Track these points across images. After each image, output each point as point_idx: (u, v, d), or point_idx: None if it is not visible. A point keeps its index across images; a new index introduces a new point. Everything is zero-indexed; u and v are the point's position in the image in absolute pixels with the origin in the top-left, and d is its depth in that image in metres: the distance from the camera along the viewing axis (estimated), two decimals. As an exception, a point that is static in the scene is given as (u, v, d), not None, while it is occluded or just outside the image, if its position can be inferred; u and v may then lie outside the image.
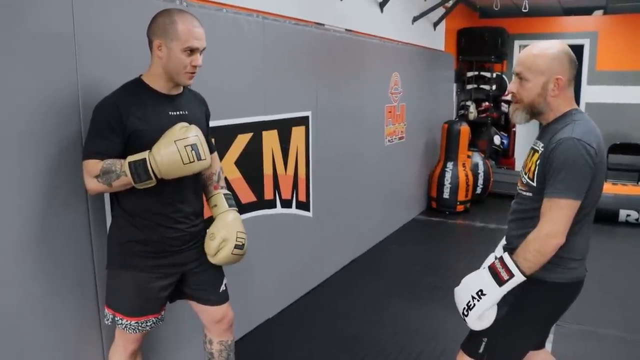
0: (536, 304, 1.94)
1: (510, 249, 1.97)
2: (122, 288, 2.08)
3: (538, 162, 1.87)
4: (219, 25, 2.90)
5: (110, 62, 2.26)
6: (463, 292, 1.97)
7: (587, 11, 8.23)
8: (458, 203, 6.46)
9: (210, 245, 2.15)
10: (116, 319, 2.09)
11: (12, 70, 1.91)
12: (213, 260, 2.17)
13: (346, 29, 4.58)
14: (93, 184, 1.92)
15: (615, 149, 7.88)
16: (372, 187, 5.07)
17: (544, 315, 1.99)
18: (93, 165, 1.91)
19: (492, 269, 1.89)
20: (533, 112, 1.93)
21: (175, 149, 1.86)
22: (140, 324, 2.09)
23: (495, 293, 1.87)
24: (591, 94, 8.25)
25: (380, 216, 5.35)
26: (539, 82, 1.87)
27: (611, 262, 4.84)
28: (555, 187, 1.78)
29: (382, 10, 5.33)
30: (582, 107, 8.25)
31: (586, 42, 8.19)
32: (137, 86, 2.02)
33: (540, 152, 1.88)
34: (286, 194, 3.67)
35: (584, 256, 1.94)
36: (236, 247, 2.16)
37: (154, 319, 2.13)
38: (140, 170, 1.87)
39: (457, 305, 2.00)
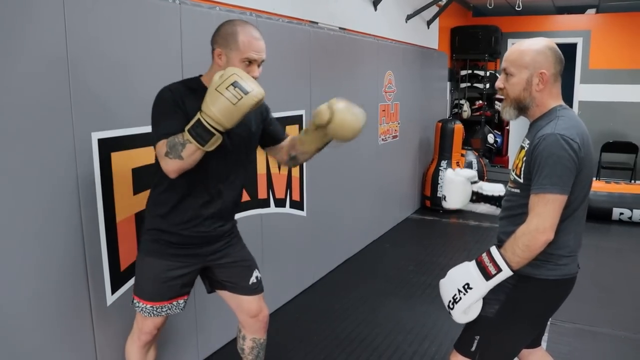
0: (527, 301, 1.93)
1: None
2: (143, 272, 2.15)
3: (524, 159, 1.88)
4: (212, 23, 2.86)
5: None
6: (449, 285, 1.96)
7: (580, 10, 8.26)
8: (452, 202, 6.46)
9: (321, 113, 2.03)
10: (135, 302, 2.16)
11: (9, 75, 1.90)
12: (331, 116, 2.01)
13: (340, 27, 4.57)
14: (167, 164, 1.92)
15: (608, 147, 7.92)
16: (366, 186, 5.06)
17: (535, 313, 1.98)
18: (161, 146, 1.92)
19: (480, 263, 1.89)
20: (520, 108, 1.94)
21: (220, 95, 1.84)
22: (155, 309, 2.15)
23: (482, 287, 1.87)
24: (584, 92, 8.28)
25: (374, 215, 5.34)
26: (524, 77, 1.88)
27: (605, 261, 4.86)
28: (541, 183, 1.78)
29: (375, 9, 5.32)
30: (575, 105, 8.28)
31: (579, 41, 8.21)
32: (194, 83, 2.07)
33: (526, 148, 1.89)
34: (280, 193, 3.66)
35: (574, 252, 1.93)
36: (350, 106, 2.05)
37: (168, 305, 2.17)
38: (199, 130, 1.86)
39: (442, 297, 2.00)
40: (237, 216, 3.18)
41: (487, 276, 1.85)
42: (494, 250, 1.87)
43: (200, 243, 2.16)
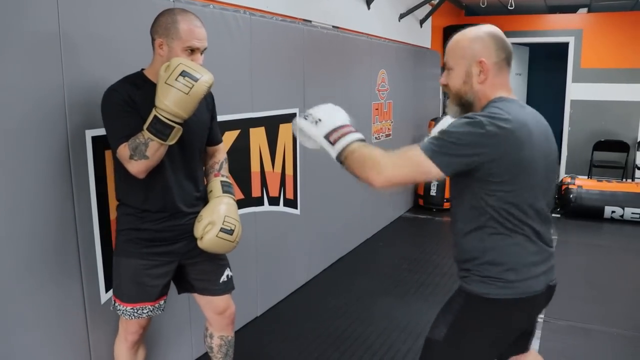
0: (477, 323, 1.72)
1: (458, 268, 1.81)
2: (120, 274, 2.14)
3: None
4: (206, 21, 2.83)
5: (96, 59, 2.24)
6: (322, 108, 1.78)
7: (572, 9, 8.30)
8: (445, 200, 6.48)
9: (197, 228, 2.12)
10: (116, 304, 2.14)
11: (3, 76, 1.90)
12: (200, 244, 2.12)
13: (333, 26, 4.58)
14: (133, 166, 1.93)
15: (600, 146, 7.97)
16: (359, 184, 5.05)
17: (488, 336, 1.74)
18: (123, 150, 1.93)
19: (338, 127, 1.71)
20: (462, 104, 1.73)
21: (171, 87, 1.83)
22: (135, 311, 2.12)
23: (316, 136, 1.72)
24: (576, 91, 8.31)
25: (368, 214, 5.35)
26: (462, 68, 1.68)
27: (597, 258, 4.88)
28: (426, 141, 1.58)
29: (369, 7, 5.33)
30: (567, 104, 8.32)
31: (571, 40, 8.25)
32: (138, 78, 2.05)
33: None
34: (274, 191, 3.66)
35: (529, 266, 1.67)
36: (223, 230, 2.09)
37: (150, 306, 2.15)
38: (159, 126, 1.86)
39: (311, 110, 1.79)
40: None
41: (327, 135, 1.70)
42: (350, 135, 1.68)
43: (175, 237, 2.14)
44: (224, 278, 2.31)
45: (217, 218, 2.11)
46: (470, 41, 1.67)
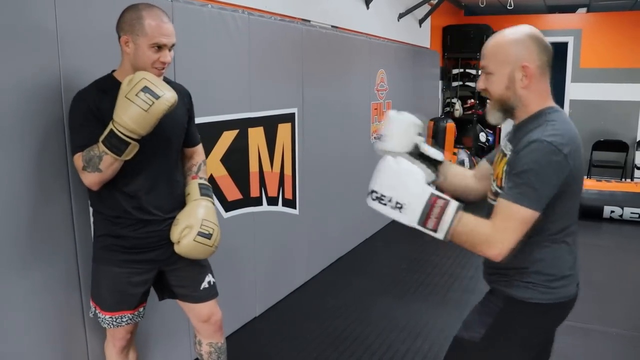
0: (516, 326, 1.73)
1: (490, 273, 1.80)
2: (99, 282, 2.09)
3: (505, 169, 1.64)
4: (204, 21, 2.87)
5: (92, 55, 2.23)
6: (388, 183, 1.63)
7: (571, 9, 8.30)
8: (444, 200, 6.46)
9: (173, 232, 2.06)
10: (96, 312, 2.11)
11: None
12: (177, 249, 2.06)
13: (332, 26, 4.57)
14: (85, 177, 1.90)
15: (599, 146, 7.97)
16: (358, 184, 5.03)
17: (526, 338, 1.76)
18: (77, 160, 1.90)
19: (428, 207, 1.55)
20: (505, 109, 1.69)
21: (131, 103, 1.77)
22: (115, 319, 2.08)
23: (406, 222, 1.58)
24: (575, 91, 8.32)
25: (367, 213, 5.29)
26: (505, 73, 1.63)
27: (596, 258, 4.88)
28: (513, 191, 1.54)
29: (367, 7, 5.32)
30: (566, 104, 8.31)
31: (570, 40, 8.25)
32: (107, 82, 1.99)
33: (508, 156, 1.65)
34: (272, 191, 3.65)
35: (570, 272, 1.73)
36: (200, 234, 2.03)
37: (129, 315, 2.11)
38: (114, 141, 1.81)
39: (375, 175, 1.69)
40: (230, 214, 3.20)
41: (421, 222, 1.56)
42: (447, 216, 1.56)
43: (154, 244, 2.08)
44: (205, 285, 2.24)
45: (195, 222, 2.05)
46: (511, 44, 1.63)
